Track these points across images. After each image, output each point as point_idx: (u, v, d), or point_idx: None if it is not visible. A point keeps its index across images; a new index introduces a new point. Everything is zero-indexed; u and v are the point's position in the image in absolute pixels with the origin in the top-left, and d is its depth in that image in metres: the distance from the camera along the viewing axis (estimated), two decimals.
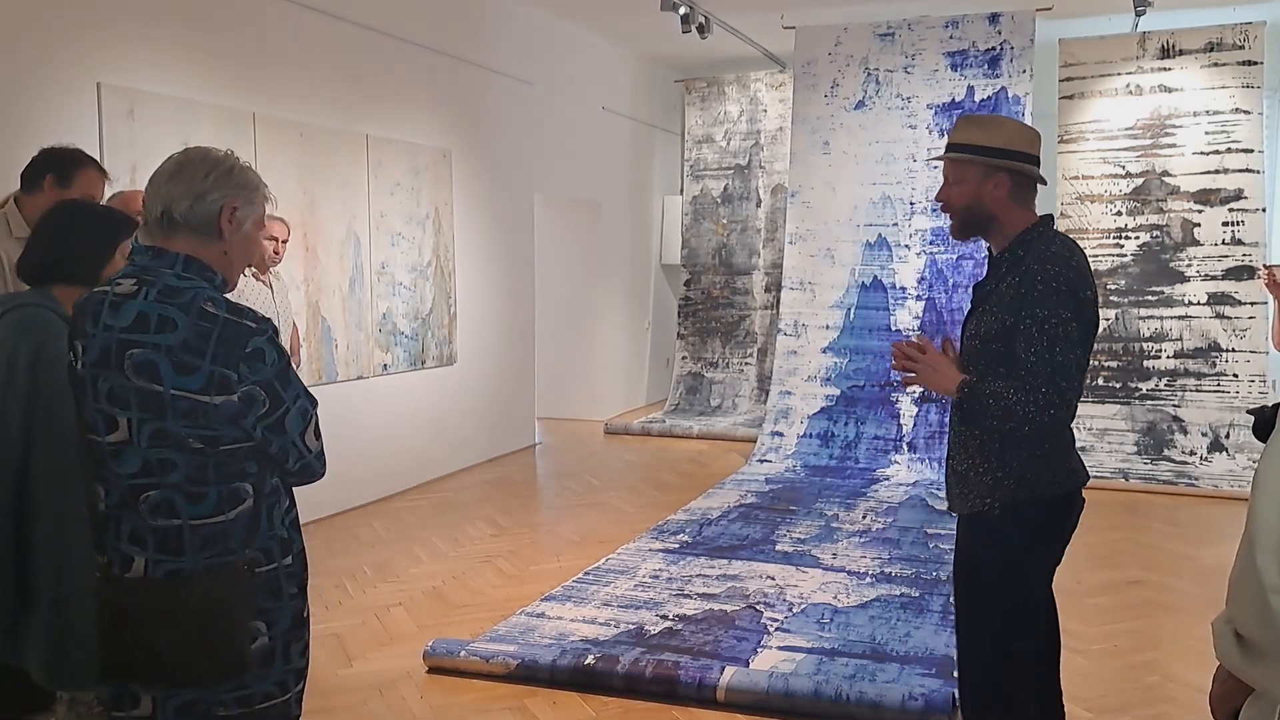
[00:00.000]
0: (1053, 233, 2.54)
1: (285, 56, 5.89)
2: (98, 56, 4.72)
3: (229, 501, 1.93)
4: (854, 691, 3.58)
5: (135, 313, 1.88)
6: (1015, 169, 2.54)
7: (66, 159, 3.18)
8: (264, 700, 2.01)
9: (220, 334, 1.88)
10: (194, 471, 1.90)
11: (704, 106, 10.64)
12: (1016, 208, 2.55)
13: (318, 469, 2.07)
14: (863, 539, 5.84)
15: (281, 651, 2.02)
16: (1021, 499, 2.46)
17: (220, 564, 1.92)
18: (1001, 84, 7.98)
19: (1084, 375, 2.45)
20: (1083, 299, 2.41)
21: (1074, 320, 2.37)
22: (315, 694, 3.76)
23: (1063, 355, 2.35)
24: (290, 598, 2.04)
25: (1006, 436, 2.45)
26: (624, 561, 5.35)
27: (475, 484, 7.37)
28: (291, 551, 2.04)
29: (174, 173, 1.97)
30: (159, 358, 1.86)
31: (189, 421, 1.88)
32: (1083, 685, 3.86)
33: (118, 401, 1.88)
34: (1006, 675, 2.50)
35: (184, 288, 1.91)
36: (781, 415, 8.31)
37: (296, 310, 5.58)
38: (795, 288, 8.45)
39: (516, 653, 3.93)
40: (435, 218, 7.29)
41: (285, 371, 1.97)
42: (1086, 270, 2.47)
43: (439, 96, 7.35)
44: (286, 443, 1.98)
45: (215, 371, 1.87)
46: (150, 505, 1.90)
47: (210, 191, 1.95)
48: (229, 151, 2.03)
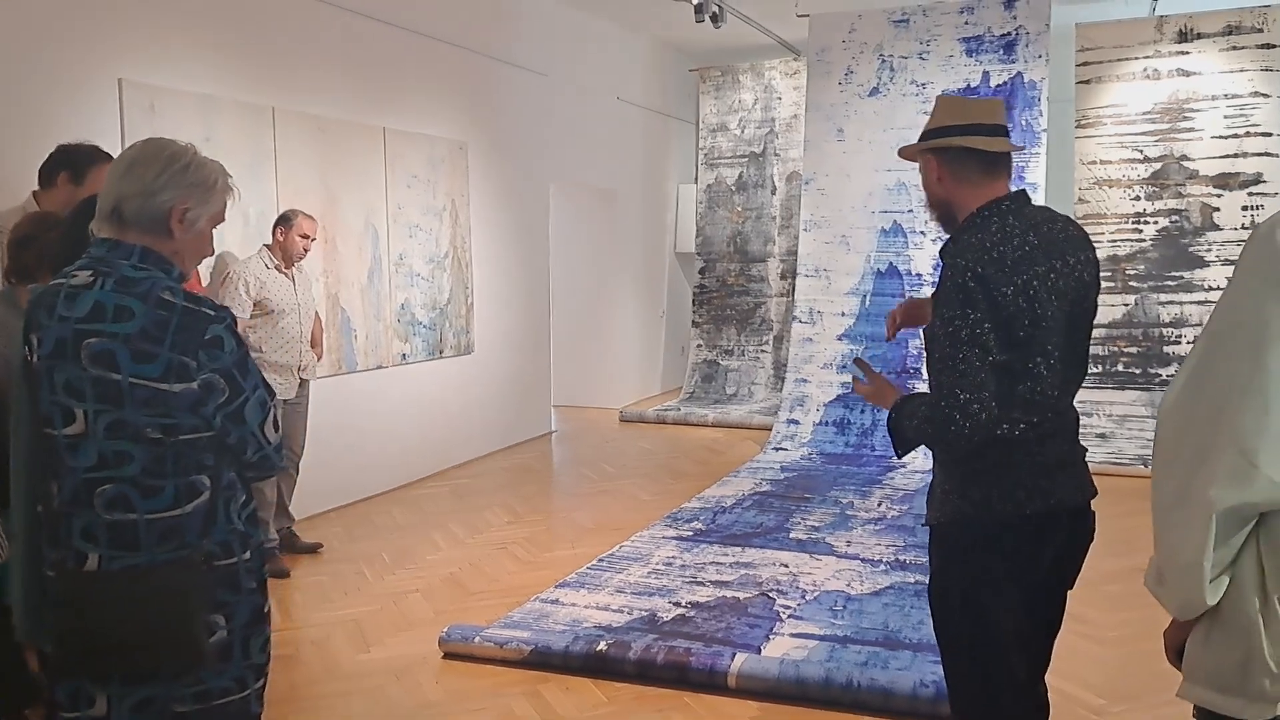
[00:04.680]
0: (999, 215, 2.19)
1: (304, 51, 5.95)
2: (119, 53, 4.79)
3: (186, 495, 1.91)
4: (865, 678, 3.62)
5: (92, 302, 1.86)
6: (939, 146, 2.26)
7: (80, 156, 3.22)
8: (222, 696, 1.98)
9: (179, 322, 1.86)
10: (151, 464, 1.88)
11: (718, 95, 10.64)
12: (965, 188, 2.24)
13: (276, 461, 2.04)
14: (877, 526, 5.87)
15: (240, 646, 2.00)
16: (969, 516, 2.19)
17: (176, 558, 1.90)
18: (1017, 69, 7.94)
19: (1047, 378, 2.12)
20: (999, 295, 2.04)
21: (986, 320, 2.03)
22: (334, 678, 3.85)
23: (966, 363, 2.03)
24: (249, 592, 2.01)
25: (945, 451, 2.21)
26: (638, 549, 5.40)
27: (492, 471, 7.44)
28: (250, 546, 2.02)
29: (126, 168, 1.93)
30: (117, 346, 1.84)
31: (148, 410, 1.86)
32: (1097, 672, 3.88)
33: (74, 393, 1.86)
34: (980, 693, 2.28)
35: (141, 278, 1.89)
36: (797, 403, 8.33)
37: (317, 301, 5.66)
38: (810, 275, 8.45)
39: (530, 639, 3.99)
40: (452, 209, 7.34)
41: (244, 361, 1.95)
42: (1025, 260, 2.09)
43: (455, 89, 7.39)
44: (245, 432, 1.95)
45: (174, 359, 1.85)
46: (105, 500, 1.88)
47: (161, 191, 1.91)
48: (189, 145, 1.98)
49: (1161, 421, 1.57)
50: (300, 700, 3.70)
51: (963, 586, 2.24)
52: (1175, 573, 1.54)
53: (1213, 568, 1.48)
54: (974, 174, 2.24)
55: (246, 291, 4.86)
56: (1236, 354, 1.44)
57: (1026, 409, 2.13)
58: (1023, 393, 2.12)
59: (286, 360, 5.03)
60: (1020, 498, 2.15)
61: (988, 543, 2.19)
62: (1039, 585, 2.24)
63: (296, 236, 4.99)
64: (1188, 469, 1.49)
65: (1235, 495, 1.43)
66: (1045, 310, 2.09)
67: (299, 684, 3.83)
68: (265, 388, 2.01)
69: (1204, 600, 1.51)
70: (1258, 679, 1.47)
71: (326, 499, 6.14)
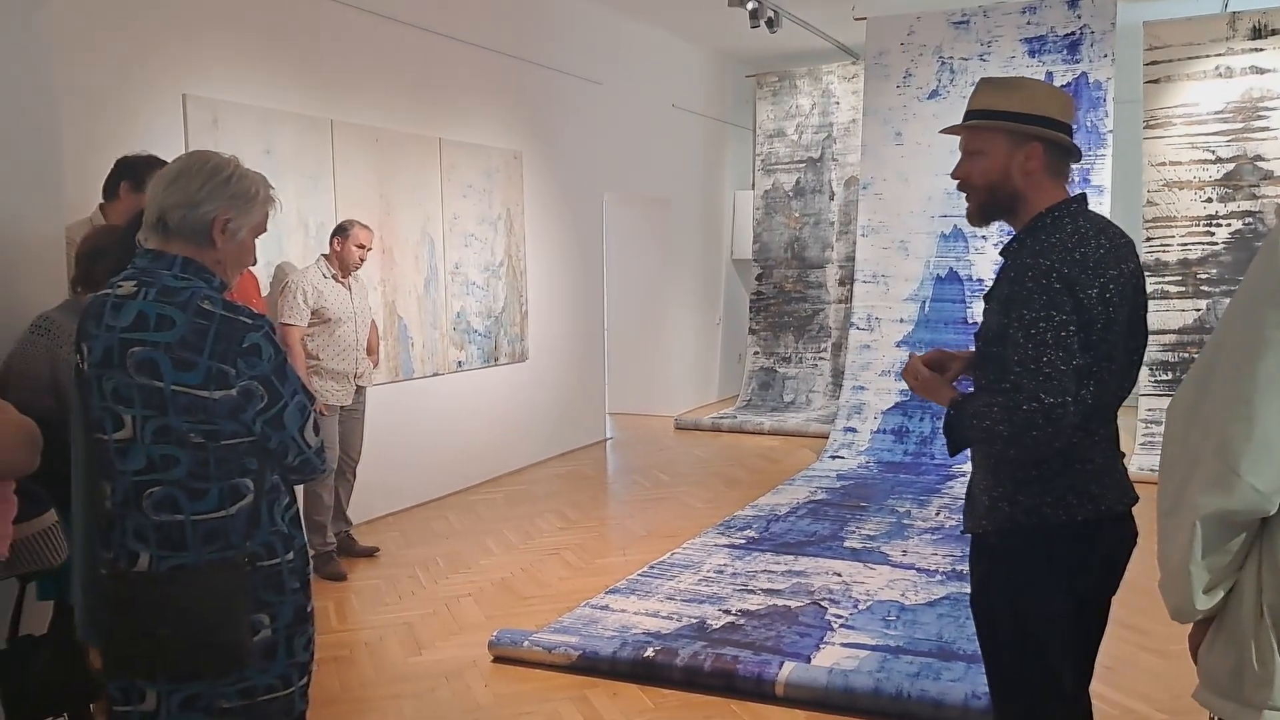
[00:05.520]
0: (1070, 217, 2.13)
1: (361, 65, 6.07)
2: (183, 70, 4.94)
3: (230, 497, 1.97)
4: (915, 689, 3.55)
5: (135, 312, 1.92)
6: (1049, 137, 2.15)
7: (139, 165, 3.33)
8: (266, 693, 2.03)
9: (217, 330, 1.91)
10: (196, 467, 1.94)
11: (775, 100, 10.59)
12: (1049, 185, 2.17)
13: (317, 465, 2.09)
14: (935, 536, 5.77)
15: (284, 645, 2.05)
16: (1019, 524, 2.13)
17: (221, 559, 1.95)
18: (1081, 69, 7.78)
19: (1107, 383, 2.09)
20: (1084, 298, 2.01)
21: (1071, 323, 2.00)
22: (385, 681, 3.91)
23: (1051, 365, 1.99)
24: (293, 592, 2.06)
25: (999, 454, 2.16)
26: (689, 556, 5.39)
27: (547, 478, 7.48)
28: (293, 547, 2.07)
29: (171, 180, 1.99)
30: (159, 355, 1.90)
31: (190, 417, 1.92)
32: (1157, 687, 3.77)
33: (122, 400, 1.93)
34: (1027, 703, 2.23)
35: (181, 287, 1.94)
36: (855, 410, 8.24)
37: (374, 310, 5.76)
38: (868, 281, 8.36)
39: (578, 644, 4.00)
40: (507, 218, 7.42)
41: (282, 367, 1.99)
42: (1103, 263, 2.06)
43: (510, 99, 7.47)
44: (285, 438, 2.00)
45: (213, 367, 1.91)
46: (154, 501, 1.94)
47: (204, 203, 1.97)
48: (231, 157, 2.04)
49: (1165, 427, 1.59)
50: (352, 701, 3.75)
51: (1010, 595, 2.19)
52: (1167, 577, 1.55)
53: (1207, 574, 1.49)
54: (1061, 171, 2.20)
55: (304, 300, 4.97)
56: (1230, 362, 1.46)
57: (1085, 414, 2.09)
58: (1085, 398, 2.07)
59: (343, 368, 5.13)
60: (1072, 503, 2.11)
61: (1037, 551, 2.14)
62: (1085, 593, 2.19)
63: (352, 246, 5.09)
64: (1183, 475, 1.51)
65: (1217, 501, 1.44)
66: (1118, 314, 2.07)
67: (351, 685, 3.89)
68: (305, 393, 2.05)
69: (1193, 606, 1.53)
70: (1247, 686, 1.50)
71: (384, 504, 6.24)
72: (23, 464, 2.22)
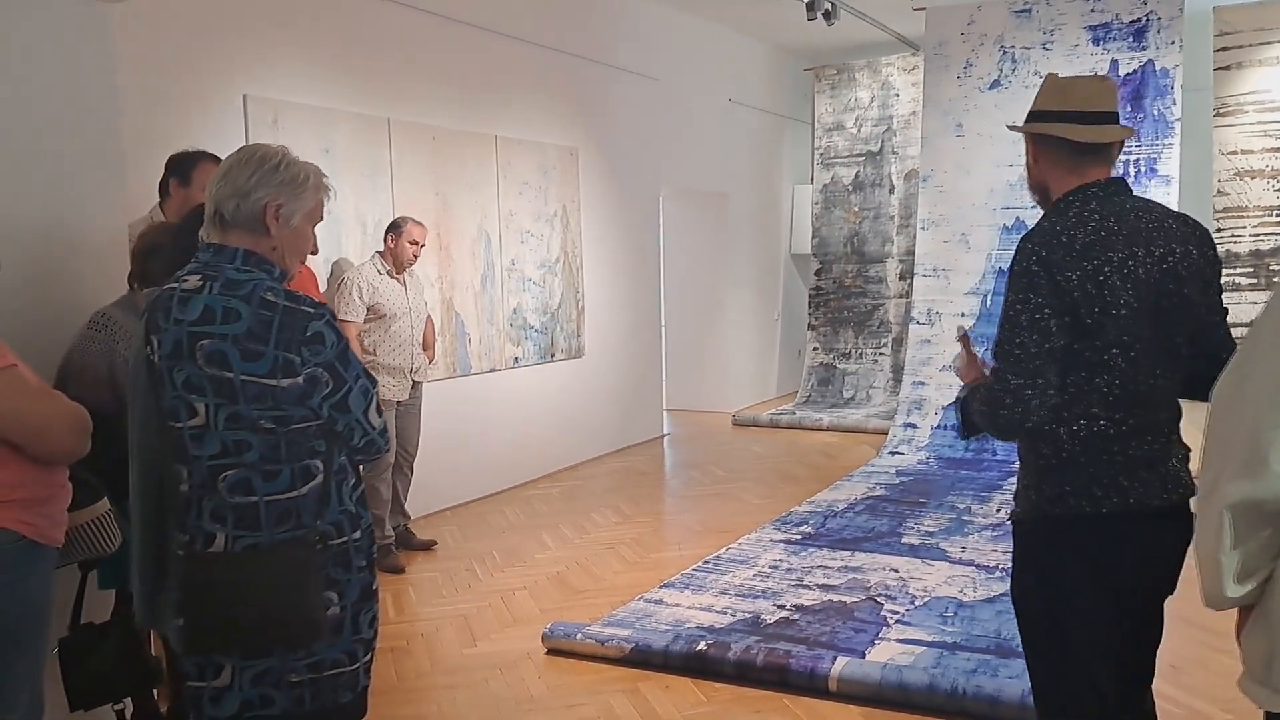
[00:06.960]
0: (1082, 201, 2.13)
1: (417, 63, 6.15)
2: (243, 70, 5.06)
3: (301, 478, 2.04)
4: (971, 686, 3.49)
5: (202, 306, 1.98)
6: (1037, 130, 2.21)
7: (185, 160, 3.38)
8: (333, 667, 2.10)
9: (281, 321, 1.98)
10: (268, 451, 2.01)
11: (834, 94, 10.48)
12: (1058, 172, 2.20)
13: (381, 445, 2.15)
14: (995, 532, 5.66)
15: (351, 621, 2.11)
16: (1045, 512, 2.13)
17: (293, 538, 2.02)
18: (1148, 56, 7.57)
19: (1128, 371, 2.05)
20: (1063, 280, 2.00)
21: (1047, 306, 2.01)
22: (440, 671, 3.96)
23: (1022, 348, 2.01)
24: (359, 570, 2.12)
25: (1024, 443, 2.19)
26: (744, 551, 5.36)
27: (604, 473, 7.51)
28: (360, 526, 2.13)
29: (224, 174, 2.06)
30: (227, 346, 1.97)
31: (259, 404, 1.99)
32: (1227, 687, 3.64)
33: (194, 389, 1.99)
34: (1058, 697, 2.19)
35: (245, 280, 2.01)
36: (914, 406, 8.12)
37: (431, 306, 5.83)
38: (928, 274, 8.24)
39: (631, 637, 4.01)
40: (563, 215, 7.46)
41: (345, 353, 2.05)
42: (1098, 246, 2.03)
43: (565, 96, 7.51)
44: (351, 420, 2.07)
45: (279, 356, 1.97)
46: (229, 484, 2.01)
47: (254, 190, 2.03)
48: (281, 148, 2.10)
49: (1208, 415, 1.58)
50: (407, 691, 3.81)
51: (1038, 584, 2.19)
52: (1200, 565, 1.53)
53: (1238, 563, 1.47)
54: (1066, 160, 2.19)
55: (360, 296, 5.05)
56: (1265, 351, 1.44)
57: (1106, 404, 2.07)
58: (1100, 386, 2.06)
59: (399, 363, 5.20)
60: (1096, 495, 2.08)
61: (1061, 540, 2.13)
62: (1123, 590, 2.13)
63: (406, 243, 5.16)
64: (1220, 463, 1.48)
65: (1245, 489, 1.42)
66: (1116, 298, 2.03)
67: (406, 675, 3.95)
68: (367, 376, 2.11)
69: (1223, 594, 1.51)
70: (1276, 672, 1.49)
71: (442, 498, 6.32)
72: (74, 449, 2.31)
